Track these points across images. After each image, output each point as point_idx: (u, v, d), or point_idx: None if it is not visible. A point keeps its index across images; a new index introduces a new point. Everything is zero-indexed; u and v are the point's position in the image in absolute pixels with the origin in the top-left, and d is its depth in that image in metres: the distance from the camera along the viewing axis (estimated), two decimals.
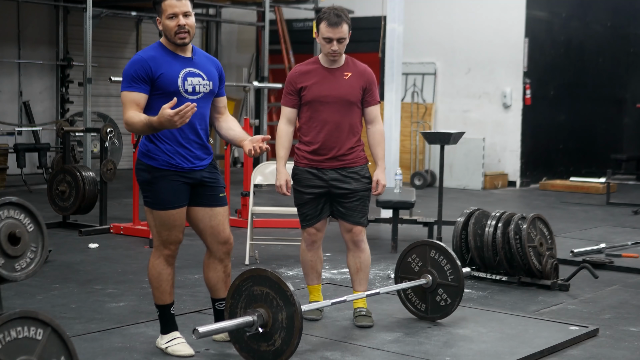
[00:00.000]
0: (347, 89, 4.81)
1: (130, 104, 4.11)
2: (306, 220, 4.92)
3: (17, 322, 2.99)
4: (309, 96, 4.81)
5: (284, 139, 4.89)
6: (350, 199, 4.84)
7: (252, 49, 15.59)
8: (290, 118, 4.91)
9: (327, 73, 4.84)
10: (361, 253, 4.93)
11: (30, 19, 13.09)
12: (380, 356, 4.35)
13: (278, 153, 4.90)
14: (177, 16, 4.13)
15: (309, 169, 4.86)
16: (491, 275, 6.19)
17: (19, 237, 3.26)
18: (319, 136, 4.82)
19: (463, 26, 13.30)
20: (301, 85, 4.83)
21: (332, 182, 4.82)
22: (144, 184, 4.24)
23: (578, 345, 4.65)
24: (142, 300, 5.37)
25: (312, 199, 4.86)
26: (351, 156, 4.86)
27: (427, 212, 9.51)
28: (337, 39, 4.74)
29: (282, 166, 4.89)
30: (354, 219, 4.86)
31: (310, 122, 4.85)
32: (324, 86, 4.81)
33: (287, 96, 4.91)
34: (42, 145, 11.80)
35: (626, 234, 8.50)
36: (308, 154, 4.86)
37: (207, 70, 4.26)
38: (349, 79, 4.83)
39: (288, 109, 4.90)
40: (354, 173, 4.85)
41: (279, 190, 4.89)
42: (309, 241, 4.96)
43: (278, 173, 4.89)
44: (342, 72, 4.85)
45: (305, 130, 4.88)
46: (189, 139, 4.19)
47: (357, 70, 4.88)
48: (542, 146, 13.60)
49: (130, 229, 7.92)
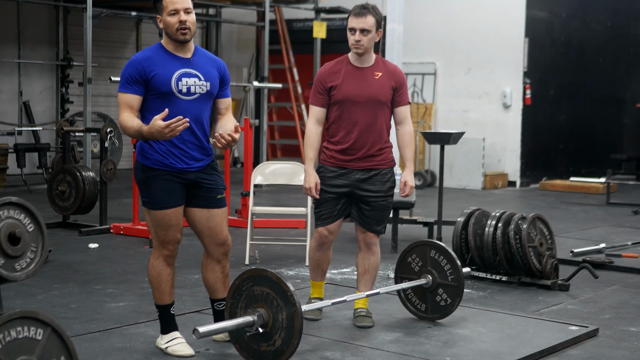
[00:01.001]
0: (378, 88, 4.75)
1: (124, 105, 4.14)
2: (321, 219, 4.85)
3: (17, 322, 2.99)
4: (339, 95, 4.74)
5: (313, 140, 4.80)
6: (371, 206, 4.78)
7: (252, 49, 15.59)
8: (319, 118, 4.82)
9: (358, 72, 4.77)
10: (371, 255, 4.91)
11: (30, 19, 13.08)
12: (380, 356, 4.35)
13: (307, 154, 4.80)
14: (179, 12, 4.14)
15: (335, 168, 4.80)
16: (491, 275, 6.19)
17: (19, 237, 3.26)
18: (349, 136, 4.75)
19: (463, 26, 13.30)
20: (331, 84, 4.76)
21: (356, 182, 4.76)
22: (140, 184, 4.25)
23: (578, 345, 4.65)
24: (142, 300, 5.37)
25: (333, 198, 4.79)
26: (380, 157, 4.80)
27: (427, 212, 9.51)
28: (361, 29, 4.68)
29: (310, 167, 4.80)
30: (370, 227, 4.83)
31: (339, 122, 4.78)
32: (354, 85, 4.74)
33: (316, 95, 4.82)
34: (42, 145, 11.80)
35: (626, 234, 8.51)
36: (336, 153, 4.79)
37: (206, 71, 4.24)
38: (379, 79, 4.76)
39: (317, 108, 4.81)
40: (380, 176, 4.79)
41: (308, 192, 4.80)
42: (320, 242, 4.89)
43: (307, 175, 4.79)
44: (373, 71, 4.78)
45: (335, 129, 4.81)
46: (184, 140, 4.18)
47: (387, 70, 4.81)
48: (542, 146, 13.60)
49: (130, 229, 7.92)
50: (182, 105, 4.14)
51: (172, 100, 4.13)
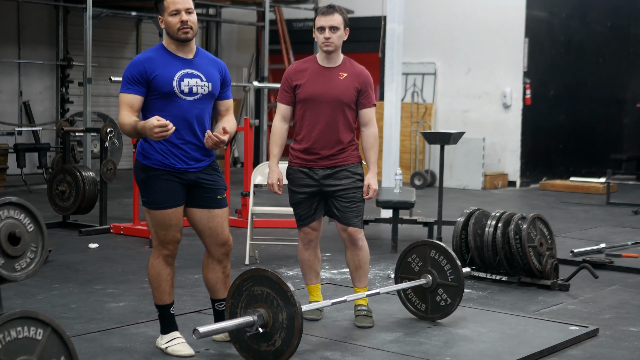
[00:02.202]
0: (341, 89, 4.79)
1: (124, 105, 4.14)
2: (301, 220, 4.92)
3: (17, 322, 2.99)
4: (303, 94, 4.80)
5: (277, 137, 4.89)
6: (343, 199, 4.82)
7: (252, 49, 15.59)
8: (284, 115, 4.90)
9: (323, 72, 4.82)
10: (359, 251, 4.92)
11: (30, 19, 13.08)
12: (380, 356, 4.35)
13: (271, 150, 4.89)
14: (180, 12, 4.14)
15: (301, 168, 4.85)
16: (491, 275, 6.19)
17: (19, 237, 3.26)
18: (310, 135, 4.81)
19: (463, 26, 13.30)
20: (296, 83, 4.82)
21: (322, 180, 4.81)
22: (140, 184, 4.26)
23: (578, 345, 4.65)
24: (142, 300, 5.37)
25: (305, 198, 4.86)
26: (342, 156, 4.83)
27: (427, 212, 9.51)
28: (329, 27, 4.72)
29: (274, 164, 4.88)
30: (348, 221, 4.84)
31: (302, 121, 4.84)
32: (317, 85, 4.79)
33: (282, 93, 4.89)
34: (42, 145, 11.80)
35: (626, 234, 8.50)
36: (300, 153, 4.85)
37: (207, 72, 4.25)
38: (344, 80, 4.81)
39: (283, 105, 4.89)
40: (344, 170, 4.82)
41: (271, 188, 4.89)
42: (305, 240, 4.96)
43: (270, 171, 4.89)
44: (338, 71, 4.83)
45: (298, 128, 4.87)
46: (184, 140, 4.19)
47: (353, 71, 4.86)
48: (542, 146, 13.60)
49: (130, 229, 7.92)
50: (183, 105, 4.15)
51: (174, 100, 4.13)
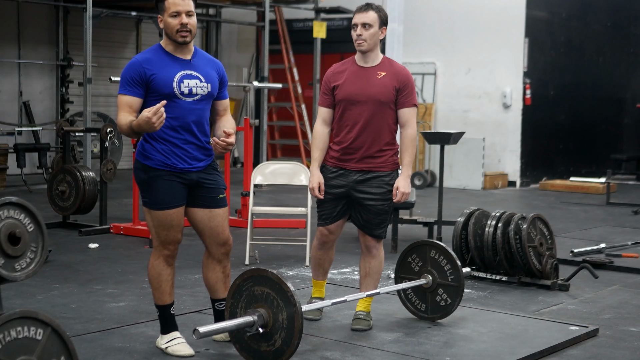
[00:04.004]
0: (379, 88, 4.70)
1: (123, 106, 4.12)
2: (321, 219, 4.86)
3: (17, 322, 2.99)
4: (340, 95, 4.74)
5: (319, 140, 4.81)
6: (370, 210, 4.74)
7: (252, 49, 15.59)
8: (325, 118, 4.82)
9: (360, 71, 4.76)
10: (372, 259, 4.87)
11: (30, 19, 13.08)
12: (380, 356, 4.35)
13: (313, 154, 4.82)
14: (180, 15, 4.14)
15: (334, 168, 4.79)
16: (491, 275, 6.19)
17: (19, 237, 3.26)
18: (348, 136, 4.74)
19: (463, 26, 13.30)
20: (334, 84, 4.76)
21: (354, 184, 4.73)
22: (141, 184, 4.25)
23: (578, 345, 4.65)
24: (142, 300, 5.37)
25: (331, 199, 4.79)
26: (379, 160, 4.74)
27: (427, 212, 9.51)
28: (362, 24, 4.67)
29: (315, 168, 4.80)
30: (370, 231, 4.80)
31: (341, 122, 4.77)
32: (355, 85, 4.72)
33: (322, 96, 4.84)
34: (42, 145, 11.80)
35: (626, 234, 8.51)
36: (336, 153, 4.79)
37: (206, 73, 4.25)
38: (382, 79, 4.72)
39: (323, 108, 4.83)
40: (378, 179, 4.74)
41: (312, 192, 4.81)
42: (321, 241, 4.91)
43: (311, 175, 4.80)
44: (376, 71, 4.75)
45: (337, 129, 4.81)
46: (185, 140, 4.19)
47: (392, 70, 4.76)
48: (542, 146, 13.61)
49: (130, 229, 7.92)
50: (183, 106, 4.15)
51: (174, 101, 4.13)
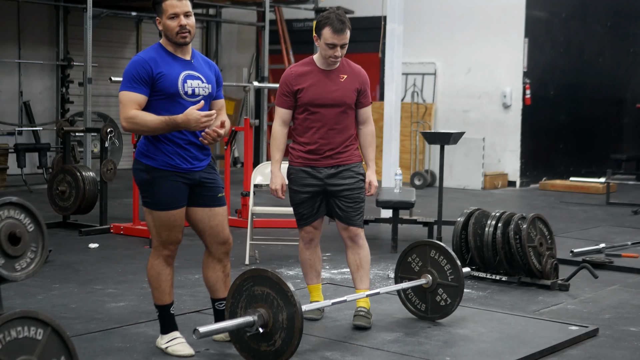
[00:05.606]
0: (343, 91, 4.80)
1: (130, 103, 4.09)
2: (302, 219, 4.92)
3: (17, 322, 2.99)
4: (306, 98, 4.78)
5: (279, 141, 4.88)
6: (347, 199, 4.83)
7: (252, 49, 15.59)
8: (285, 119, 4.88)
9: (324, 75, 4.81)
10: (360, 249, 4.92)
11: (30, 19, 13.09)
12: (380, 356, 4.35)
13: (273, 156, 4.88)
14: (179, 16, 4.14)
15: (303, 167, 4.85)
16: (491, 275, 6.19)
17: (19, 237, 3.26)
18: (315, 137, 4.81)
19: (463, 26, 13.30)
20: (297, 88, 4.80)
21: (327, 179, 4.82)
22: (143, 185, 4.24)
23: (578, 345, 4.65)
24: (142, 300, 5.37)
25: (308, 198, 4.86)
26: (346, 154, 4.85)
27: (427, 212, 9.51)
28: (341, 45, 4.72)
29: (277, 169, 4.88)
30: (350, 220, 4.86)
31: (306, 124, 4.83)
32: (321, 89, 4.78)
33: (282, 97, 4.86)
34: (42, 145, 11.80)
35: (626, 234, 8.50)
36: (303, 153, 4.85)
37: (206, 74, 4.27)
38: (345, 81, 4.82)
39: (283, 110, 4.86)
40: (348, 170, 4.84)
41: (274, 193, 4.89)
42: (307, 239, 4.97)
43: (273, 176, 4.88)
44: (338, 74, 4.83)
45: (301, 131, 4.86)
46: (188, 141, 4.20)
47: (352, 72, 4.87)
48: (542, 146, 13.61)
49: (130, 229, 7.92)
50: (186, 107, 4.14)
51: (177, 101, 4.13)
